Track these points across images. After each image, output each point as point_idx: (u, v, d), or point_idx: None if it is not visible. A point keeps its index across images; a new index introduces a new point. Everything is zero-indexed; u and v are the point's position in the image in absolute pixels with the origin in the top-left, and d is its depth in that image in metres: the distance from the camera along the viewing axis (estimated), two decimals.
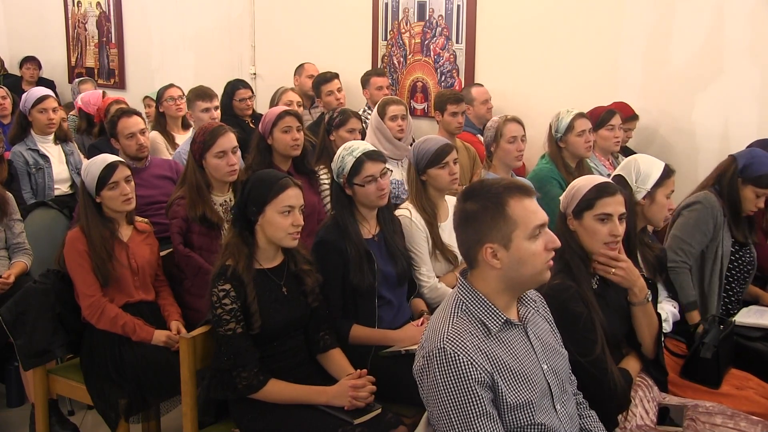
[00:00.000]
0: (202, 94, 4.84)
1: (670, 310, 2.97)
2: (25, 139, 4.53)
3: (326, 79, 5.46)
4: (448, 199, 3.32)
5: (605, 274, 2.51)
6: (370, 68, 5.77)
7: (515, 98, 5.21)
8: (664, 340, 2.68)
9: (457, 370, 1.82)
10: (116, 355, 2.98)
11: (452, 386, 1.82)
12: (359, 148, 2.98)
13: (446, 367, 1.83)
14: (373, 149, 3.00)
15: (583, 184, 2.51)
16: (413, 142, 3.89)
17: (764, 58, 4.36)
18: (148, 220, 3.37)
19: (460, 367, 1.82)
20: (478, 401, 1.82)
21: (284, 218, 2.57)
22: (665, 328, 2.79)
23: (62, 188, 4.55)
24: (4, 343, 3.24)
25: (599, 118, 4.25)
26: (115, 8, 7.47)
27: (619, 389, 2.32)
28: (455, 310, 1.94)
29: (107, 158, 3.15)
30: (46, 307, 3.00)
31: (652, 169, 2.94)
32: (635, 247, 2.78)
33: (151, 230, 3.30)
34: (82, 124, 5.45)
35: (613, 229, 2.44)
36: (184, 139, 4.94)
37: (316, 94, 5.54)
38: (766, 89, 4.38)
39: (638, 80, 4.78)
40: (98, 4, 7.61)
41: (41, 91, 4.63)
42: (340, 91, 5.45)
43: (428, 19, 5.60)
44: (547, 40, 5.07)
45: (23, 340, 2.98)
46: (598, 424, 2.19)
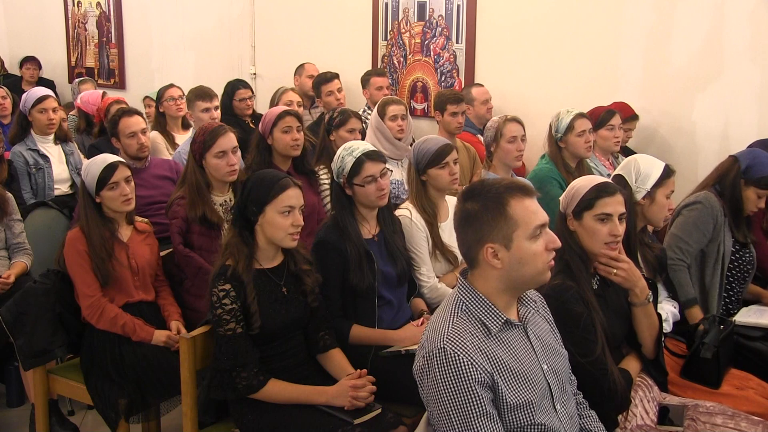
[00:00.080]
0: (202, 94, 4.84)
1: (670, 310, 2.97)
2: (25, 139, 4.52)
3: (326, 79, 5.46)
4: (448, 199, 3.32)
5: (606, 274, 2.50)
6: (370, 68, 5.76)
7: (515, 98, 5.21)
8: (664, 340, 2.67)
9: (457, 370, 1.82)
10: (116, 355, 2.97)
11: (452, 386, 1.82)
12: (359, 148, 2.98)
13: (446, 367, 1.82)
14: (373, 149, 3.00)
15: (582, 184, 2.50)
16: (413, 142, 3.88)
17: (764, 58, 4.36)
18: (148, 220, 3.37)
19: (460, 367, 1.82)
20: (478, 401, 1.82)
21: (284, 218, 2.57)
22: (665, 328, 2.79)
23: (62, 188, 4.55)
24: (4, 343, 3.24)
25: (599, 118, 4.25)
26: (115, 8, 7.47)
27: (619, 390, 2.32)
28: (455, 310, 1.94)
29: (107, 158, 3.15)
30: (46, 307, 3.00)
31: (652, 169, 2.94)
32: (635, 247, 2.77)
33: (151, 230, 3.30)
34: (81, 123, 5.45)
35: (613, 229, 2.44)
36: (184, 139, 4.94)
37: (316, 94, 5.54)
38: (766, 89, 4.38)
39: (638, 80, 4.78)
40: (98, 4, 7.61)
41: (41, 91, 4.63)
42: (340, 91, 5.45)
43: (428, 19, 5.60)
44: (547, 40, 5.07)
45: (23, 340, 2.98)
46: (598, 424, 2.19)
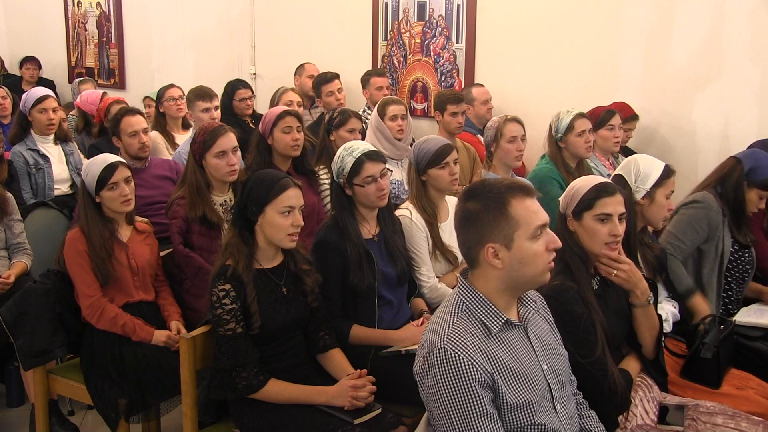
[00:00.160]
0: (202, 94, 4.84)
1: (670, 310, 2.97)
2: (25, 139, 4.52)
3: (327, 79, 5.46)
4: (448, 199, 3.32)
5: (607, 275, 2.50)
6: (370, 68, 5.76)
7: (515, 98, 5.21)
8: (664, 340, 2.67)
9: (457, 370, 1.82)
10: (116, 355, 2.97)
11: (452, 386, 1.82)
12: (359, 148, 2.98)
13: (446, 367, 1.82)
14: (373, 149, 3.00)
15: (582, 184, 2.50)
16: (413, 142, 3.88)
17: (764, 58, 4.36)
18: (148, 220, 3.37)
19: (460, 367, 1.82)
20: (478, 401, 1.82)
21: (284, 218, 2.57)
22: (665, 328, 2.79)
23: (62, 188, 4.55)
24: (4, 343, 3.24)
25: (599, 118, 4.25)
26: (115, 8, 7.47)
27: (619, 390, 2.31)
28: (455, 310, 1.94)
29: (108, 158, 3.15)
30: (46, 307, 3.00)
31: (651, 169, 2.93)
32: (635, 247, 2.77)
33: (150, 230, 3.30)
34: (80, 123, 5.45)
35: (612, 229, 2.43)
36: (184, 139, 4.94)
37: (316, 94, 5.54)
38: (766, 89, 4.38)
39: (638, 80, 4.78)
40: (98, 4, 7.61)
41: (41, 91, 4.63)
42: (340, 91, 5.45)
43: (428, 19, 5.60)
44: (547, 40, 5.07)
45: (23, 340, 2.98)
46: (598, 424, 2.19)
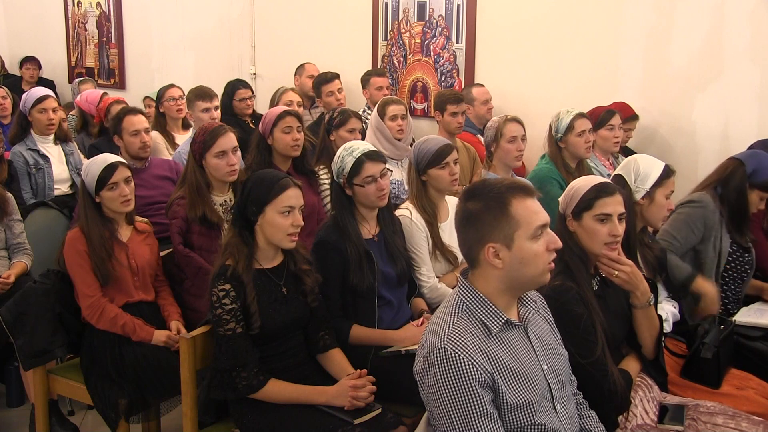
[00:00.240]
0: (202, 94, 4.84)
1: (670, 310, 2.97)
2: (25, 139, 4.52)
3: (327, 79, 5.46)
4: (448, 199, 3.32)
5: (608, 275, 2.50)
6: (370, 68, 5.76)
7: (515, 98, 5.21)
8: (664, 340, 2.67)
9: (457, 369, 1.82)
10: (116, 355, 2.97)
11: (453, 386, 1.82)
12: (359, 148, 2.98)
13: (447, 367, 1.82)
14: (373, 149, 3.00)
15: (581, 184, 2.50)
16: (413, 142, 3.88)
17: (764, 58, 4.36)
18: (148, 220, 3.37)
19: (460, 366, 1.82)
20: (478, 401, 1.82)
21: (284, 218, 2.57)
22: (665, 328, 2.78)
23: (62, 188, 4.55)
24: (4, 343, 3.23)
25: (599, 118, 4.25)
26: (115, 8, 7.47)
27: (619, 390, 2.31)
28: (456, 310, 1.94)
29: (108, 158, 3.15)
30: (46, 307, 3.00)
31: (651, 169, 2.93)
32: (635, 247, 2.77)
33: (150, 230, 3.30)
34: (79, 122, 5.45)
35: (612, 229, 2.43)
36: (184, 139, 4.94)
37: (316, 94, 5.54)
38: (766, 89, 4.38)
39: (638, 80, 4.78)
40: (98, 4, 7.61)
41: (41, 91, 4.63)
42: (340, 91, 5.45)
43: (428, 19, 5.60)
44: (547, 40, 5.07)
45: (23, 340, 2.98)
46: (598, 424, 2.19)
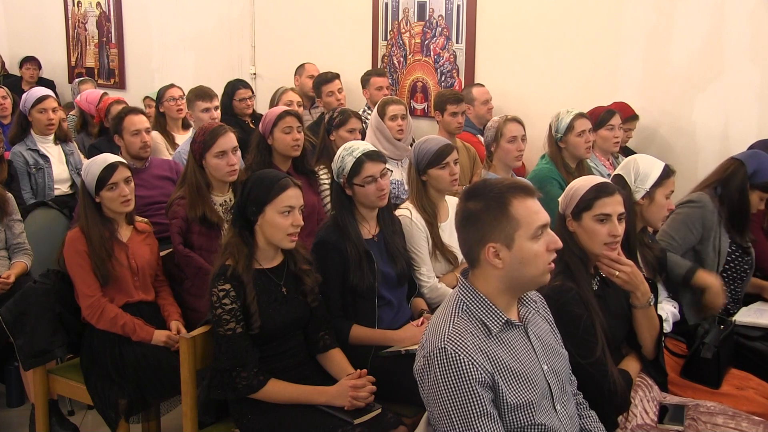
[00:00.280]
0: (202, 94, 4.84)
1: (670, 310, 2.97)
2: (25, 139, 4.52)
3: (327, 79, 5.46)
4: (448, 199, 3.32)
5: (609, 275, 2.50)
6: (370, 68, 5.76)
7: (515, 98, 5.21)
8: (664, 340, 2.67)
9: (457, 369, 1.82)
10: (116, 355, 2.97)
11: (453, 386, 1.82)
12: (359, 148, 2.98)
13: (447, 366, 1.82)
14: (373, 149, 3.00)
15: (581, 184, 2.50)
16: (413, 142, 3.88)
17: (764, 58, 4.36)
18: (148, 220, 3.37)
19: (460, 366, 1.82)
20: (478, 401, 1.82)
21: (284, 218, 2.57)
22: (665, 328, 2.79)
23: (62, 188, 4.55)
24: (4, 343, 3.23)
25: (599, 118, 4.25)
26: (115, 8, 7.47)
27: (619, 391, 2.31)
28: (456, 310, 1.94)
29: (108, 158, 3.15)
30: (46, 307, 3.00)
31: (651, 169, 2.93)
32: (635, 247, 2.77)
33: (150, 230, 3.30)
34: (78, 122, 5.45)
35: (612, 229, 2.43)
36: (184, 139, 4.94)
37: (316, 94, 5.54)
38: (766, 89, 4.38)
39: (638, 80, 4.78)
40: (98, 4, 7.61)
41: (41, 91, 4.63)
42: (340, 91, 5.45)
43: (428, 19, 5.60)
44: (547, 40, 5.07)
45: (23, 340, 2.98)
46: (598, 424, 2.19)
